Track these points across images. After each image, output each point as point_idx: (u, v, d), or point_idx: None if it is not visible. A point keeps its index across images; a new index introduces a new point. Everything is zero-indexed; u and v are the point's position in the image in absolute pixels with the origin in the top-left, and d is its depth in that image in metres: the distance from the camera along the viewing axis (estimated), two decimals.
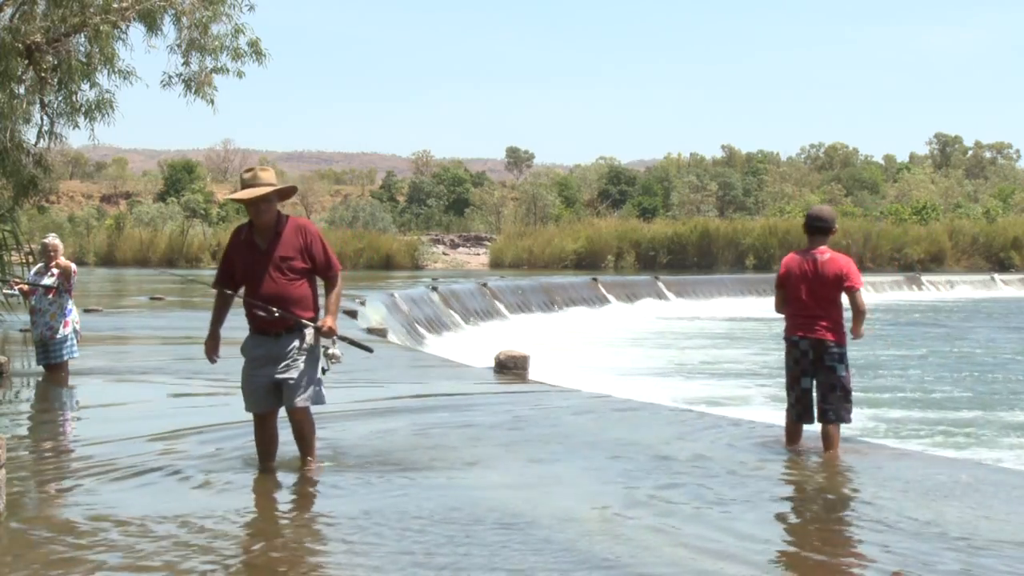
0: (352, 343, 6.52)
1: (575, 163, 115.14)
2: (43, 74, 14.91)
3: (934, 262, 62.56)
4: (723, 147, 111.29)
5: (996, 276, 53.65)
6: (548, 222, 74.04)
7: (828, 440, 7.06)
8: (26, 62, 14.60)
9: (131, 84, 15.45)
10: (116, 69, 15.03)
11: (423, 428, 7.93)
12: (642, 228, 67.37)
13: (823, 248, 7.19)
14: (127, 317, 20.32)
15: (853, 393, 7.16)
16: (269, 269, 6.05)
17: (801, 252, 7.30)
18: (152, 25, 14.94)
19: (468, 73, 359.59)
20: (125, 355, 13.49)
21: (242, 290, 6.21)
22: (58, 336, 10.40)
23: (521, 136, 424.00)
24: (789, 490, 6.31)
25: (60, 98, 15.30)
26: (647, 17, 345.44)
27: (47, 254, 10.40)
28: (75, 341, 10.51)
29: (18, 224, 15.75)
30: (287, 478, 6.22)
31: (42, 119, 15.56)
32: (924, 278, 50.73)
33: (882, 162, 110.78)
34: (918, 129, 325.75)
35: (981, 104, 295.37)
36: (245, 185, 6.09)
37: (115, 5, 14.48)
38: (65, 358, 10.46)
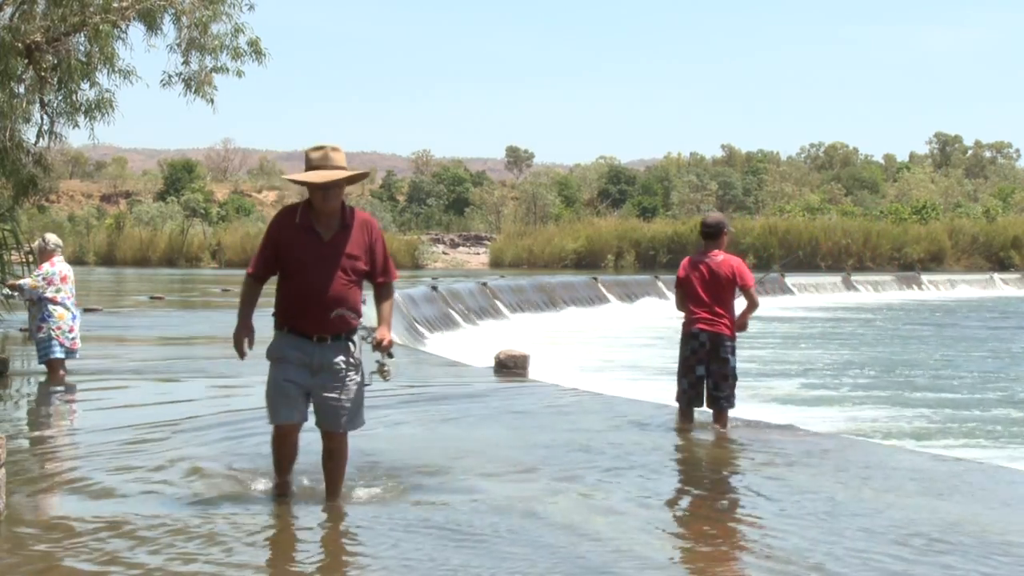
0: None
1: (575, 162, 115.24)
2: (43, 73, 14.92)
3: (934, 262, 62.57)
4: (723, 146, 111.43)
5: (996, 275, 53.65)
6: (548, 221, 74.07)
7: (720, 421, 8.02)
8: (26, 61, 14.60)
9: (131, 83, 15.47)
10: (116, 68, 15.04)
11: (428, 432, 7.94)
12: (642, 227, 67.37)
13: (716, 251, 7.98)
14: (128, 317, 20.33)
15: (738, 381, 8.18)
16: (333, 266, 5.22)
17: (697, 255, 8.08)
18: (152, 24, 14.95)
19: (468, 73, 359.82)
20: (125, 354, 13.49)
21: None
22: (36, 338, 10.45)
23: (521, 135, 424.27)
24: (681, 460, 7.39)
25: (60, 97, 15.31)
26: (647, 17, 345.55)
27: (44, 253, 10.46)
28: (54, 343, 10.36)
29: (18, 223, 15.78)
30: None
31: (42, 118, 15.57)
32: (924, 278, 50.73)
33: (882, 161, 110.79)
34: (918, 128, 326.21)
35: (981, 104, 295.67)
36: (313, 165, 5.23)
37: (115, 4, 14.48)
38: (48, 358, 10.40)
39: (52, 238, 10.73)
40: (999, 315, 32.47)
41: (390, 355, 5.29)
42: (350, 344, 5.29)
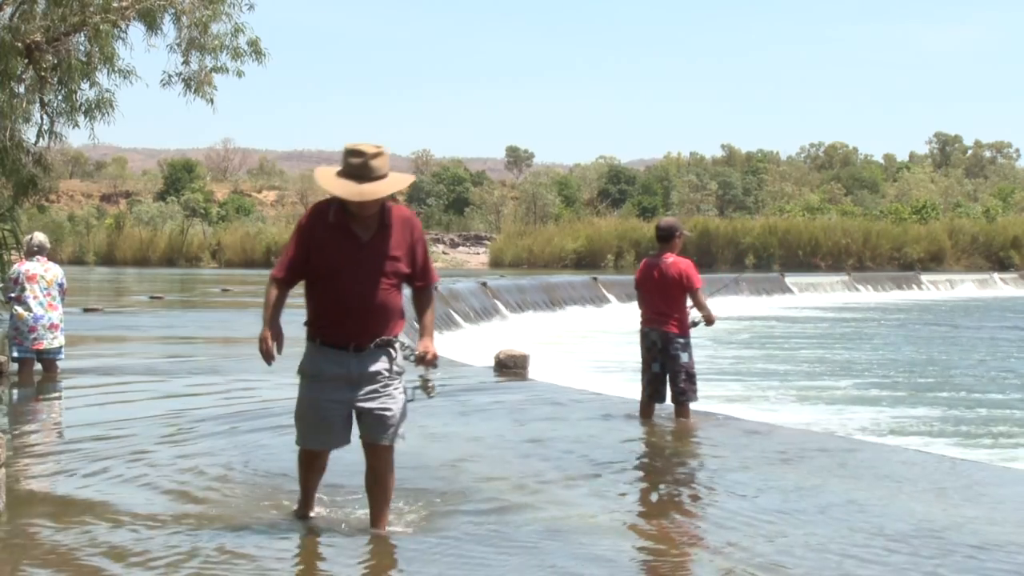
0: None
1: (575, 162, 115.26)
2: (43, 73, 14.92)
3: (934, 261, 62.58)
4: (723, 146, 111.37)
5: (996, 275, 53.66)
6: (548, 221, 74.08)
7: (682, 414, 8.38)
8: (26, 61, 14.61)
9: (131, 83, 15.49)
10: (116, 68, 15.05)
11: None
12: (642, 227, 67.34)
13: (668, 254, 8.34)
14: (128, 317, 20.34)
15: (697, 376, 8.46)
16: (373, 269, 4.70)
17: (652, 258, 8.47)
18: (152, 24, 14.95)
19: (468, 73, 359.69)
20: (125, 354, 13.50)
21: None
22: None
23: (521, 135, 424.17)
24: (644, 453, 7.73)
25: (60, 97, 15.32)
26: (647, 17, 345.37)
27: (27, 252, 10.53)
28: (13, 344, 10.40)
29: (18, 223, 15.79)
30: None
31: (42, 118, 15.58)
32: (924, 277, 50.74)
33: (882, 161, 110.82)
34: (918, 128, 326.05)
35: (981, 103, 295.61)
36: (351, 173, 4.64)
37: (115, 4, 14.49)
38: (12, 358, 10.52)
39: (36, 238, 10.62)
40: (999, 315, 32.48)
41: (435, 367, 4.85)
42: (391, 351, 4.80)
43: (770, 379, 15.21)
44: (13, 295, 10.26)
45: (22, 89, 15.21)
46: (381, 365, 4.76)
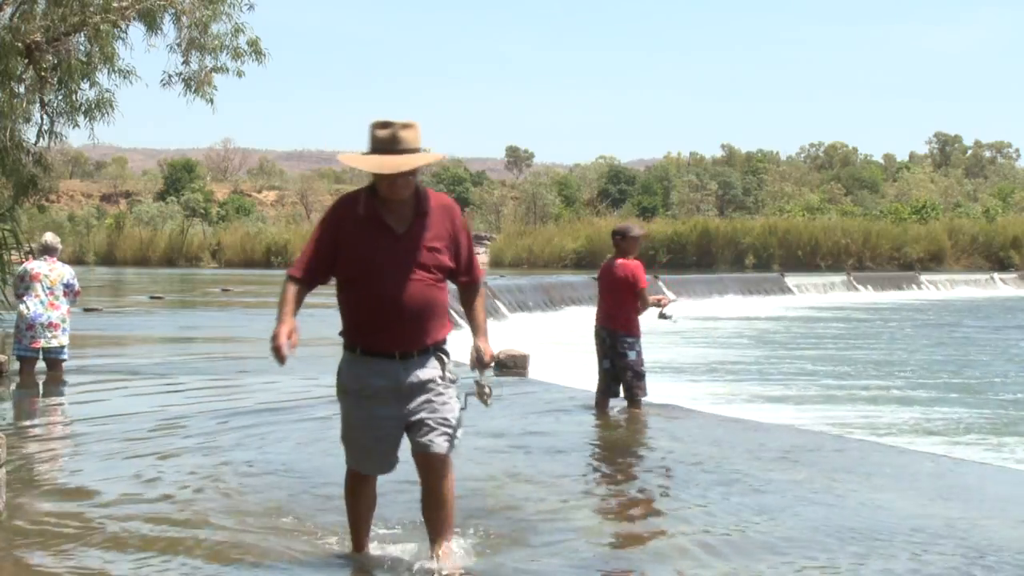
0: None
1: (575, 162, 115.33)
2: (43, 73, 14.91)
3: (933, 261, 62.57)
4: (723, 146, 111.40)
5: (996, 275, 53.64)
6: (548, 221, 74.09)
7: (633, 407, 8.79)
8: (26, 61, 14.60)
9: (131, 83, 15.46)
10: (116, 68, 15.03)
11: None
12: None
13: (620, 257, 8.79)
14: (128, 316, 20.33)
15: (647, 373, 8.89)
16: (411, 263, 4.17)
17: (608, 260, 8.96)
18: (152, 24, 14.93)
19: (468, 73, 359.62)
20: (125, 354, 13.50)
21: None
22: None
23: (521, 135, 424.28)
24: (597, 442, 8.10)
25: (60, 97, 15.30)
26: (647, 17, 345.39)
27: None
28: (13, 342, 10.54)
29: (18, 223, 15.75)
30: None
31: (42, 118, 15.56)
32: (923, 277, 50.71)
33: (882, 161, 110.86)
34: (918, 128, 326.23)
35: (981, 103, 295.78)
36: (379, 147, 4.14)
37: (115, 4, 14.48)
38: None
39: (45, 238, 10.74)
40: (999, 315, 32.48)
41: (492, 369, 4.36)
42: (443, 356, 4.32)
43: (769, 379, 15.20)
44: (20, 292, 10.39)
45: (22, 89, 15.20)
46: (432, 372, 4.25)
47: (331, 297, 4.40)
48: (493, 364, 4.34)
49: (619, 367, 8.75)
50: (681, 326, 13.91)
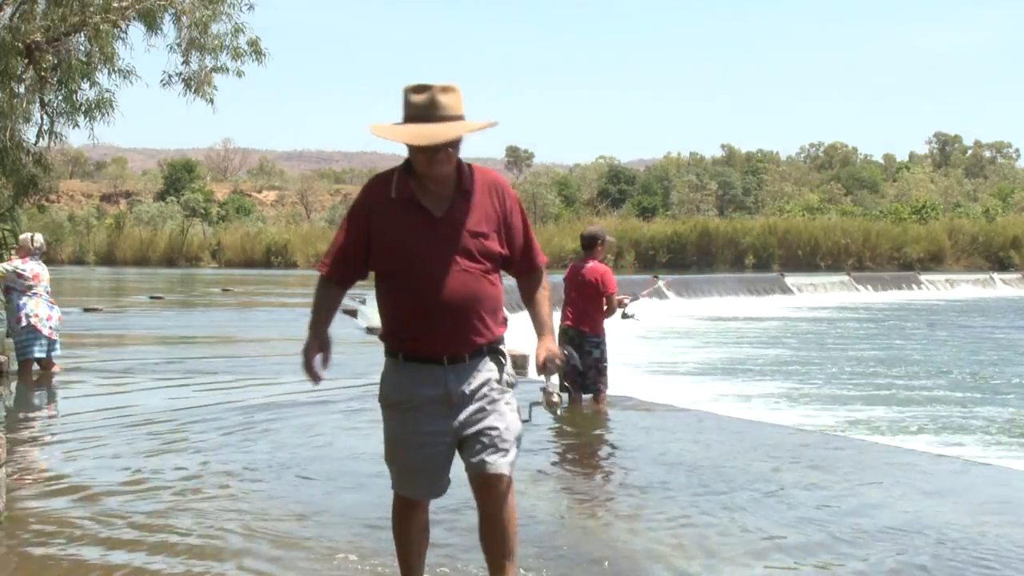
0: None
1: (575, 162, 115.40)
2: (43, 73, 14.91)
3: (933, 261, 62.61)
4: (723, 146, 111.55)
5: (995, 275, 53.64)
6: (548, 221, 74.08)
7: (598, 402, 9.04)
8: (26, 61, 14.59)
9: (131, 83, 15.44)
10: (116, 68, 15.02)
11: None
12: (642, 227, 67.42)
13: (590, 260, 9.13)
14: (128, 316, 20.33)
15: (608, 371, 9.19)
16: (452, 251, 3.59)
17: (577, 262, 9.30)
18: (152, 24, 14.93)
19: (468, 73, 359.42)
20: (125, 354, 13.51)
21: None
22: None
23: (521, 135, 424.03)
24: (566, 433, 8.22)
25: (60, 97, 15.30)
26: (647, 17, 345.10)
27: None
28: (29, 344, 10.59)
29: (18, 223, 15.75)
30: None
31: (42, 118, 15.55)
32: (923, 277, 50.72)
33: (881, 161, 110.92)
34: (918, 128, 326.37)
35: (981, 103, 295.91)
36: (414, 114, 3.52)
37: (115, 4, 14.47)
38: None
39: (38, 239, 10.93)
40: (999, 315, 32.49)
41: (555, 376, 3.82)
42: (499, 359, 3.81)
43: (768, 378, 15.21)
44: (18, 288, 10.45)
45: (22, 89, 15.19)
46: (487, 377, 3.70)
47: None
48: (560, 368, 3.76)
49: (585, 365, 8.98)
50: (682, 326, 13.92)
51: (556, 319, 5.30)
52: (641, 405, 9.71)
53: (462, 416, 3.61)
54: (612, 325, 9.46)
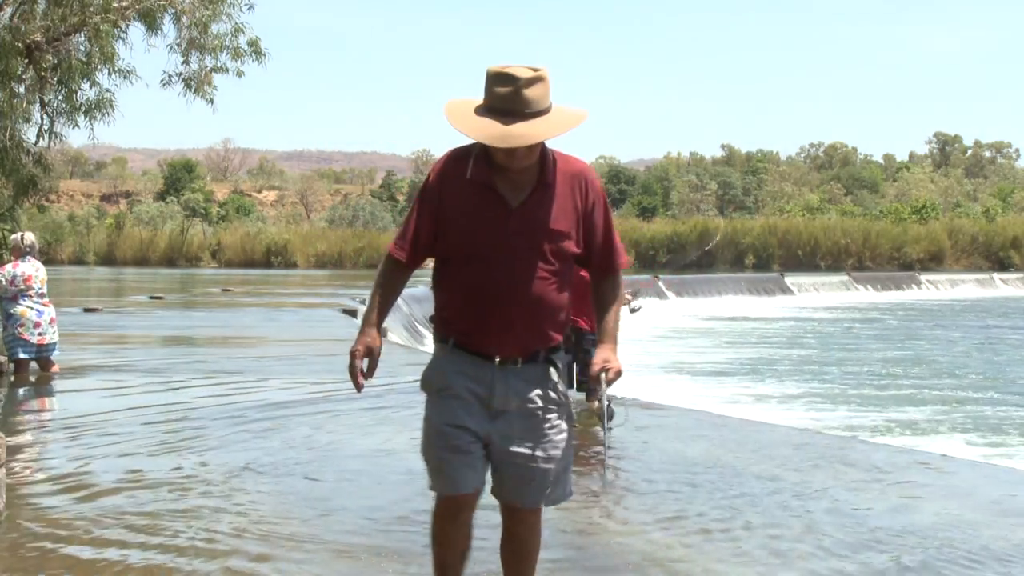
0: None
1: None
2: (43, 73, 14.91)
3: (933, 261, 62.62)
4: (723, 146, 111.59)
5: (995, 275, 53.66)
6: None
7: (590, 399, 8.85)
8: (26, 61, 14.60)
9: (131, 83, 15.44)
10: (116, 68, 15.02)
11: None
12: (642, 227, 67.43)
13: None
14: (128, 317, 20.33)
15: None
16: (522, 245, 3.28)
17: None
18: (152, 24, 14.93)
19: (468, 73, 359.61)
20: (125, 354, 13.51)
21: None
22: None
23: None
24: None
25: (60, 97, 15.30)
26: (647, 17, 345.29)
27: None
28: (17, 346, 10.57)
29: (18, 223, 15.76)
30: None
31: (42, 118, 15.55)
32: (923, 277, 50.75)
33: (881, 161, 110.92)
34: (917, 128, 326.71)
35: (981, 104, 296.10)
36: (496, 106, 3.18)
37: (115, 4, 14.47)
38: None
39: (27, 238, 10.88)
40: (999, 315, 32.50)
41: (607, 388, 3.39)
42: (552, 371, 3.42)
43: (767, 378, 15.22)
44: (8, 296, 10.42)
45: (22, 89, 15.19)
46: (536, 390, 3.36)
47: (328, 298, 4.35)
48: (618, 379, 3.36)
49: (580, 363, 8.95)
50: (682, 326, 14.00)
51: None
52: (641, 405, 9.68)
53: (498, 423, 3.32)
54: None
